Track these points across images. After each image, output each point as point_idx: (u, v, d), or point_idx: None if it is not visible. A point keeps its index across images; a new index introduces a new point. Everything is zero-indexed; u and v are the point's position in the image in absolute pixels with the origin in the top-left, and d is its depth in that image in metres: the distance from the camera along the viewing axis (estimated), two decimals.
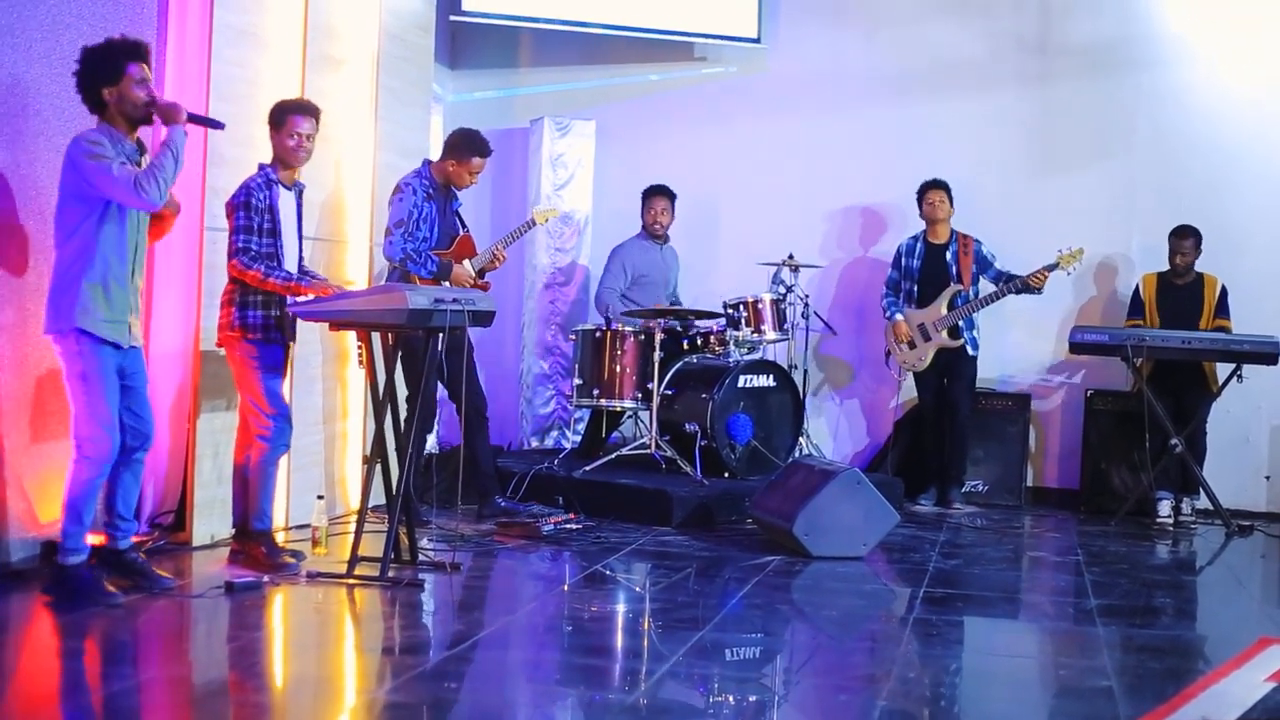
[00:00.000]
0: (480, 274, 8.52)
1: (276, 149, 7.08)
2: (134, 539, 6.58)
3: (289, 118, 7.07)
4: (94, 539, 6.36)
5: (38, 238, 6.44)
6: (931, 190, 9.89)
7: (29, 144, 6.40)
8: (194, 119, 6.29)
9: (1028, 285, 9.57)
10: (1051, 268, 9.53)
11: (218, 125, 6.58)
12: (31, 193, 6.42)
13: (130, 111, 6.09)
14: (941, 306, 9.74)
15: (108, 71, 6.04)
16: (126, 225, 6.11)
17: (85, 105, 6.12)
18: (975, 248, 9.84)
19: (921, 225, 10.00)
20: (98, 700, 4.99)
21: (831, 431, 10.90)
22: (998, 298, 9.66)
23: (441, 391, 8.65)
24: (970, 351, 9.82)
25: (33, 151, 6.42)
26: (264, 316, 6.95)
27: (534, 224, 9.29)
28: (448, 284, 8.16)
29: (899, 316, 9.87)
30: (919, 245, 9.96)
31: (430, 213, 8.24)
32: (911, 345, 9.84)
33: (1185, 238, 9.62)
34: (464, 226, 8.56)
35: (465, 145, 8.40)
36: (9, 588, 6.25)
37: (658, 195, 10.15)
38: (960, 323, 9.74)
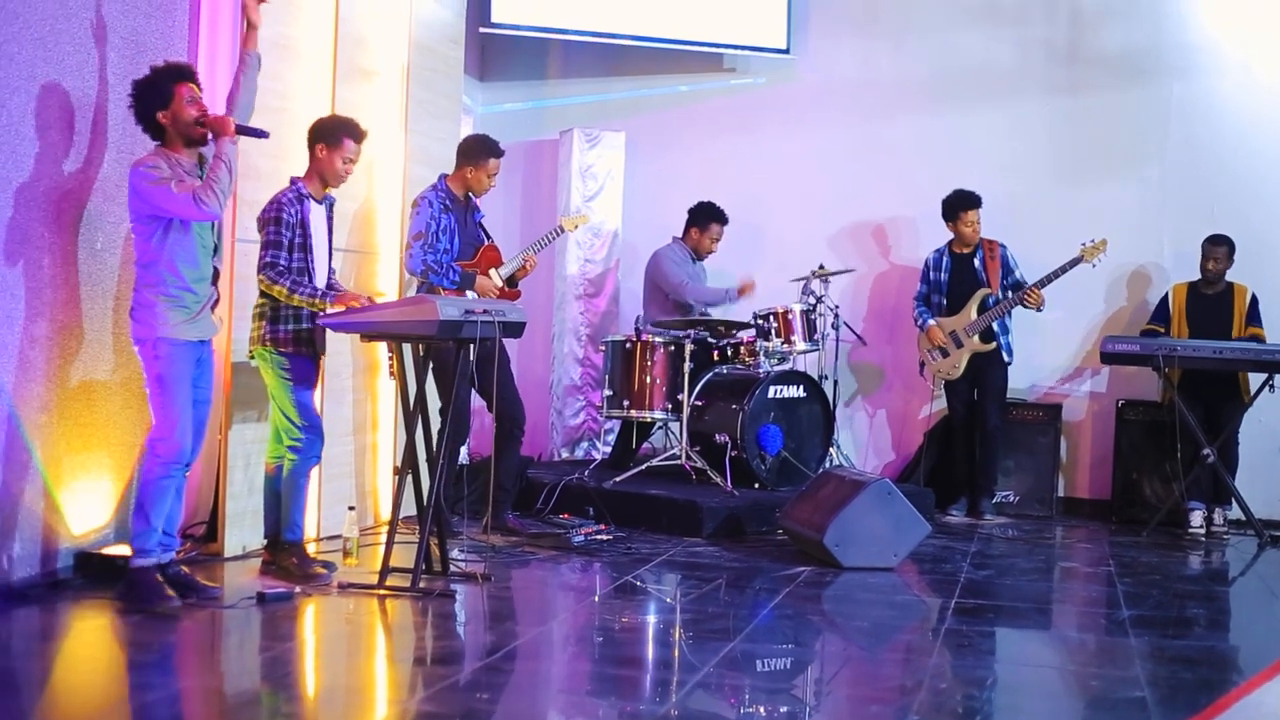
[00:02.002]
0: (511, 282, 8.53)
1: (323, 166, 7.09)
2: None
3: (346, 141, 7.10)
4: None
5: (68, 250, 6.49)
6: (971, 210, 9.77)
7: (62, 156, 6.44)
8: (240, 130, 6.41)
9: (1024, 300, 9.57)
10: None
11: (263, 134, 6.65)
12: (63, 205, 6.46)
13: (185, 130, 6.27)
14: (971, 311, 9.72)
15: (157, 96, 6.24)
16: (192, 233, 6.28)
17: (147, 134, 6.31)
18: (1001, 252, 9.83)
19: (948, 235, 9.95)
20: (131, 711, 5.01)
21: (862, 442, 10.89)
22: (1016, 304, 9.64)
23: (478, 402, 8.64)
24: (1005, 358, 9.79)
25: (66, 164, 6.46)
26: (295, 330, 6.97)
27: (562, 231, 9.29)
28: (473, 294, 8.16)
29: (931, 322, 9.84)
30: (945, 259, 9.93)
31: (449, 224, 8.23)
32: (944, 353, 9.82)
33: (1219, 245, 9.59)
34: (488, 236, 8.56)
35: (479, 148, 8.41)
36: (44, 598, 6.29)
37: (719, 222, 10.11)
38: (995, 327, 9.72)
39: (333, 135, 7.10)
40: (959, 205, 9.81)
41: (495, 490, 8.32)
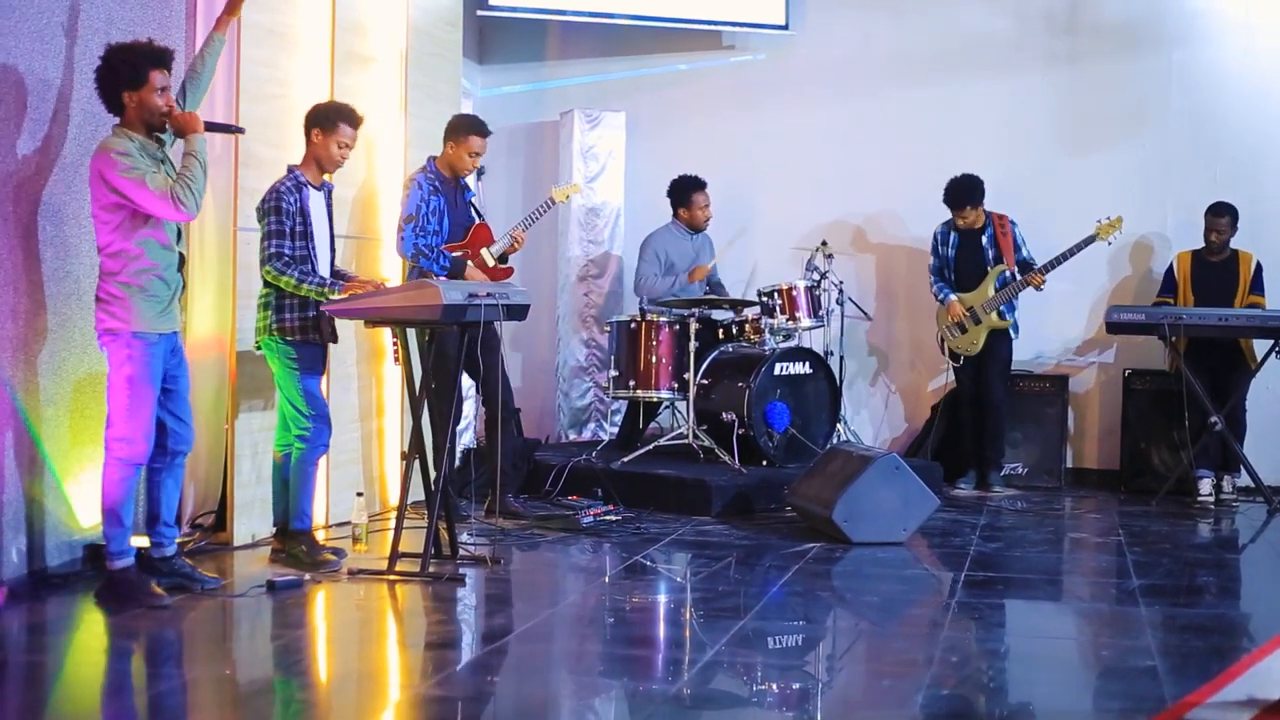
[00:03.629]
0: (502, 259, 8.52)
1: (319, 151, 7.06)
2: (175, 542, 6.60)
3: (342, 125, 7.06)
4: (137, 542, 6.41)
5: (70, 242, 6.48)
6: (962, 208, 9.69)
7: (59, 148, 6.43)
8: (212, 127, 6.33)
9: (1028, 282, 9.56)
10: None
11: (238, 130, 6.62)
12: (64, 198, 6.45)
13: (148, 118, 6.13)
14: (989, 288, 9.69)
15: (130, 75, 6.07)
16: (163, 222, 6.15)
17: (107, 104, 6.16)
18: (1012, 228, 9.79)
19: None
20: (144, 701, 5.03)
21: (869, 417, 10.88)
22: (1024, 287, 9.62)
23: (468, 381, 8.60)
24: (1012, 335, 9.78)
25: (64, 156, 6.46)
26: (301, 317, 6.96)
27: (553, 203, 9.28)
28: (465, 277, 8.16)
29: (953, 297, 9.80)
30: (951, 234, 9.88)
31: (439, 205, 8.22)
32: (963, 329, 9.78)
33: (1221, 215, 9.55)
34: (479, 215, 8.55)
35: (463, 125, 8.39)
36: (54, 590, 6.30)
37: (701, 190, 10.06)
38: (1003, 304, 9.70)
39: (327, 120, 7.07)
40: (951, 204, 9.76)
41: (497, 474, 8.28)
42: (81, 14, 6.52)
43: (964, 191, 9.68)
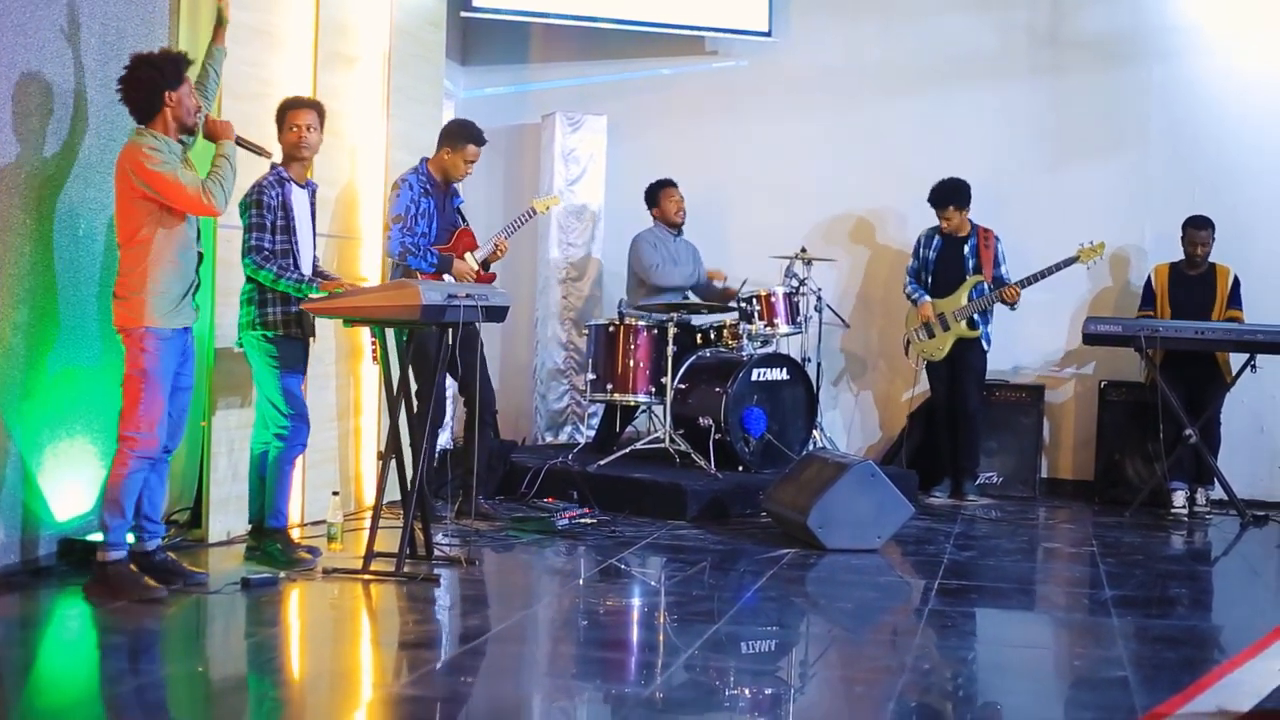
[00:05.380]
0: (485, 265, 8.53)
1: (282, 144, 7.16)
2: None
3: (287, 112, 7.20)
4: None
5: (50, 238, 6.47)
6: (944, 208, 9.75)
7: (42, 143, 6.42)
8: (242, 142, 6.50)
9: (1001, 297, 9.60)
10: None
11: (266, 153, 6.71)
12: (44, 191, 6.44)
13: (184, 117, 6.27)
14: (962, 297, 9.71)
15: (174, 74, 6.21)
16: (185, 218, 6.26)
17: (141, 108, 6.21)
18: (996, 243, 9.81)
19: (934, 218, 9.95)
20: (115, 697, 5.02)
21: (845, 424, 10.90)
22: (995, 301, 9.65)
23: (451, 386, 8.61)
24: (984, 346, 9.80)
25: (47, 151, 6.45)
26: (284, 311, 6.98)
27: (534, 213, 9.28)
28: (450, 278, 8.16)
29: (926, 298, 9.83)
30: (936, 238, 9.92)
31: (428, 208, 8.22)
32: (930, 333, 9.81)
33: (1202, 228, 9.59)
34: (464, 221, 8.55)
35: (461, 133, 8.38)
36: (28, 584, 6.29)
37: (673, 186, 10.10)
38: (977, 315, 9.72)
39: (279, 114, 7.22)
40: (936, 204, 9.80)
41: (469, 476, 8.26)
42: (64, 8, 6.51)
43: (950, 192, 9.72)
